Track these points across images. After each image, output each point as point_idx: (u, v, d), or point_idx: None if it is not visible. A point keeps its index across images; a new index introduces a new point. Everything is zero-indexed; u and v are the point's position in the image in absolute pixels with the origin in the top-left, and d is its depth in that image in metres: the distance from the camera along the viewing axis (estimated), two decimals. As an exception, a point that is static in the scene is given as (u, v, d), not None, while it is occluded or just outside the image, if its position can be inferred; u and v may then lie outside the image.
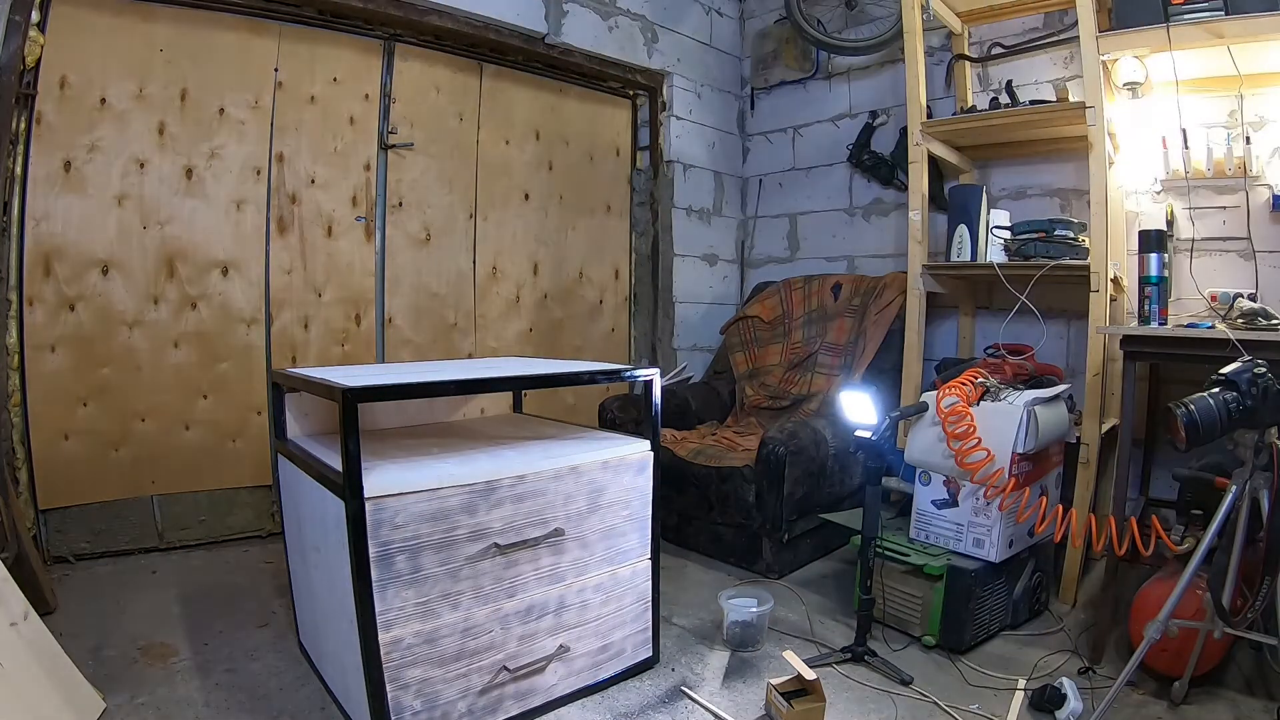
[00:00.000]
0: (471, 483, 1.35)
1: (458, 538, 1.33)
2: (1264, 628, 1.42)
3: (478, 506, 1.35)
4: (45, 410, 2.14)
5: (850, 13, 3.23)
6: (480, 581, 1.37)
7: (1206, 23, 1.95)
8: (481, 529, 1.36)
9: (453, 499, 1.32)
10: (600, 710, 1.53)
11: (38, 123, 2.09)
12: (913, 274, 2.55)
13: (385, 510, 1.24)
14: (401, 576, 1.26)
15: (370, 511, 1.22)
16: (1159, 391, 2.44)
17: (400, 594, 1.26)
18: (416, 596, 1.28)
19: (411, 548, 1.27)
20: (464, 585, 1.34)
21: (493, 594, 1.39)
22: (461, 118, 2.92)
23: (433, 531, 1.30)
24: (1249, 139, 2.24)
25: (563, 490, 1.48)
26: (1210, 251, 2.37)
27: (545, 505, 1.46)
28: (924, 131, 2.51)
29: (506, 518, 1.39)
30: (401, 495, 1.26)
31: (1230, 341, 1.67)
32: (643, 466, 1.63)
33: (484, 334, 3.04)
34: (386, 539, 1.24)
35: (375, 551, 1.23)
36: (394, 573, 1.25)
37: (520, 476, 1.41)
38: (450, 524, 1.32)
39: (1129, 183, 2.51)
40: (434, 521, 1.30)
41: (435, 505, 1.30)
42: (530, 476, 1.43)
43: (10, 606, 1.35)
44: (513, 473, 1.41)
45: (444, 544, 1.31)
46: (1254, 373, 1.36)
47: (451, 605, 1.33)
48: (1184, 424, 1.35)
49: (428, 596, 1.30)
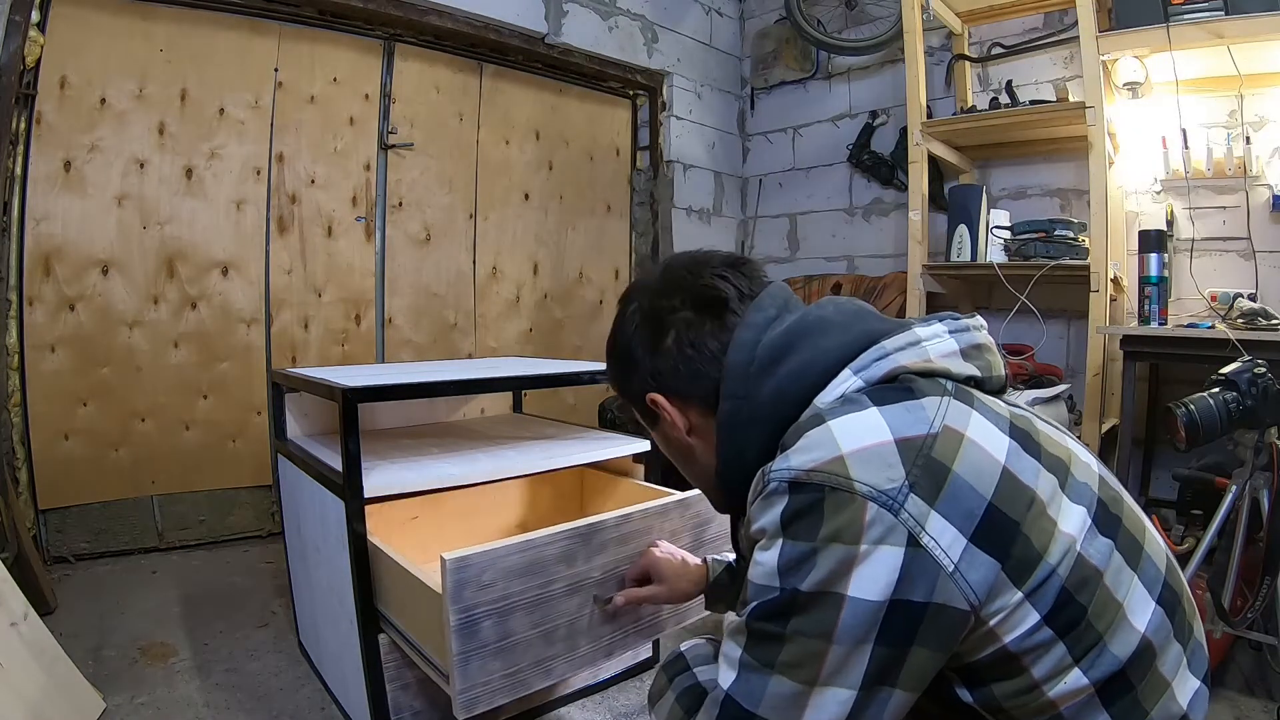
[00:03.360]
0: (474, 483, 1.34)
1: (555, 592, 1.26)
2: (1264, 628, 1.42)
3: (576, 555, 1.30)
4: (45, 410, 2.14)
5: (850, 13, 3.23)
6: (575, 642, 1.32)
7: (1206, 23, 1.95)
8: (581, 579, 1.31)
9: (548, 549, 1.17)
10: (600, 710, 1.53)
11: (38, 123, 2.08)
12: (913, 274, 2.55)
13: (470, 569, 1.03)
14: (487, 646, 1.12)
15: (451, 571, 1.01)
16: (1159, 391, 2.44)
17: (485, 666, 1.18)
18: (503, 667, 1.19)
19: (501, 609, 1.08)
20: (558, 648, 1.30)
21: (591, 655, 1.35)
22: (461, 118, 2.92)
23: (525, 589, 1.11)
24: (1249, 139, 2.24)
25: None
26: (1210, 251, 2.37)
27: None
28: (924, 131, 2.51)
29: (606, 565, 1.35)
30: (487, 550, 1.04)
31: (1230, 341, 1.68)
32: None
33: (484, 334, 3.04)
34: (471, 602, 1.05)
35: (456, 620, 1.04)
36: (479, 641, 1.08)
37: (626, 516, 1.38)
38: (546, 577, 1.22)
39: (1129, 183, 2.51)
40: (527, 577, 1.10)
41: (528, 558, 1.09)
42: (635, 516, 1.39)
43: (10, 606, 1.35)
44: (515, 473, 1.40)
45: (538, 602, 1.15)
46: (1254, 373, 1.37)
47: (544, 674, 1.27)
48: (1184, 424, 1.35)
49: (517, 665, 1.19)
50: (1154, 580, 0.65)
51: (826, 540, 0.56)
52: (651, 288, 0.79)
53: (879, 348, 0.67)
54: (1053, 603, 0.59)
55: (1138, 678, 0.61)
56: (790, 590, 0.58)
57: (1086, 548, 0.61)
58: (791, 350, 0.69)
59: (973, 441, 0.60)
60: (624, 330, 0.79)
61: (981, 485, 0.58)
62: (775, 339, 0.70)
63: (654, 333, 0.76)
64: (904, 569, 0.55)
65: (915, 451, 0.58)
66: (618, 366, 0.81)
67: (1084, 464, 0.67)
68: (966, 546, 0.56)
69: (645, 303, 0.78)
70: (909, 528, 0.56)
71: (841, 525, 0.56)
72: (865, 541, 0.56)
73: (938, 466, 0.58)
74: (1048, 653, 0.59)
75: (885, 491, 0.56)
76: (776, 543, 0.59)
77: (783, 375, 0.68)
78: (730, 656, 0.62)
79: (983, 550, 0.57)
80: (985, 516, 0.57)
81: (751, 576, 0.61)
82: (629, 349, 0.78)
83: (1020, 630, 0.58)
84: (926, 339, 0.68)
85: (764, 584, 0.59)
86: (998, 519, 0.58)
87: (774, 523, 0.60)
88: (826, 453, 0.59)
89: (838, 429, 0.60)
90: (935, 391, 0.64)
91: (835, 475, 0.58)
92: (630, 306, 0.80)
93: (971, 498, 0.58)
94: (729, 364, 0.71)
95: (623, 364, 0.80)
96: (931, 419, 0.61)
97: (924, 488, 0.57)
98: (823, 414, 0.63)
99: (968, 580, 0.56)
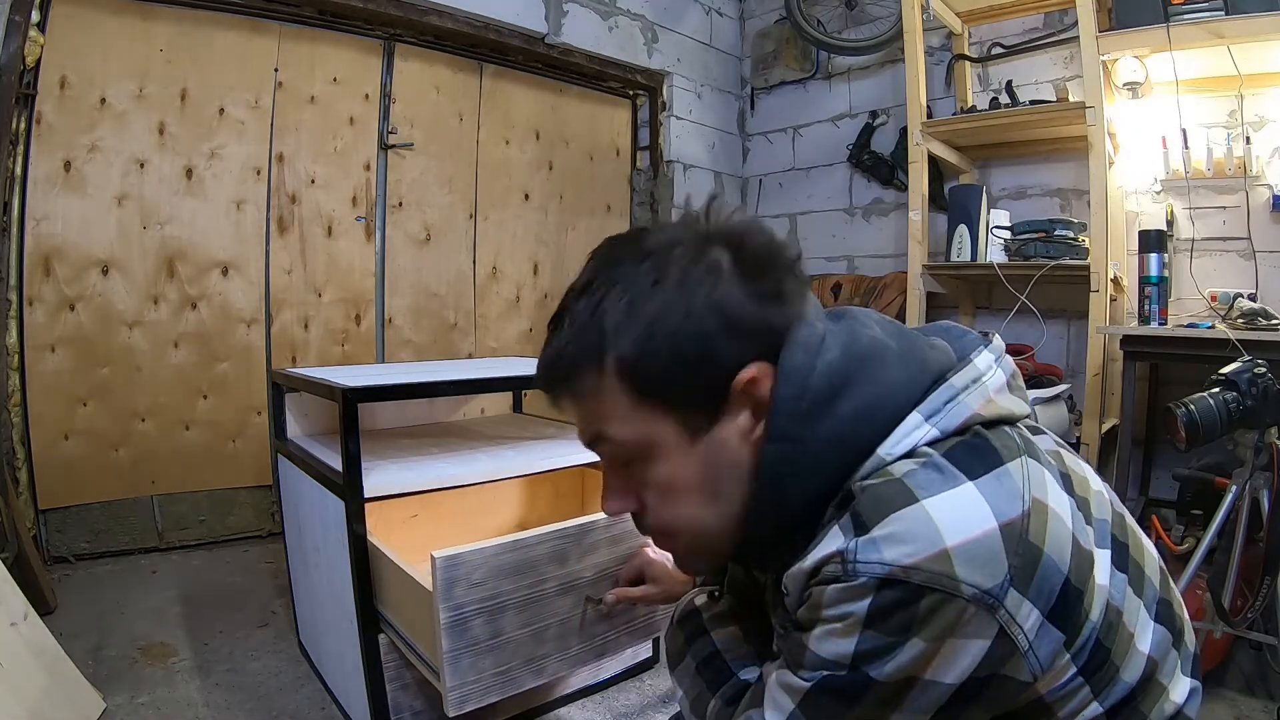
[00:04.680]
0: (474, 483, 1.34)
1: (547, 591, 1.27)
2: (1264, 628, 1.42)
3: (569, 554, 1.31)
4: (45, 410, 2.14)
5: (850, 13, 3.23)
6: (567, 641, 1.33)
7: (1206, 23, 1.95)
8: (572, 578, 1.31)
9: (539, 549, 1.20)
10: (600, 710, 1.53)
11: (38, 123, 2.08)
12: (913, 274, 2.55)
13: (460, 567, 1.05)
14: (479, 643, 1.15)
15: (441, 569, 1.04)
16: (1159, 391, 2.44)
17: (476, 664, 1.19)
18: (494, 666, 1.20)
19: (491, 608, 1.12)
20: (548, 648, 1.30)
21: (583, 654, 1.35)
22: (461, 118, 2.92)
23: (515, 588, 1.13)
24: (1249, 139, 2.24)
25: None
26: (1210, 251, 2.37)
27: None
28: (924, 131, 2.51)
29: (600, 566, 1.36)
30: (477, 549, 1.07)
31: (1230, 341, 1.68)
32: (643, 467, 1.62)
33: (484, 334, 3.04)
34: (461, 600, 1.07)
35: (447, 617, 1.06)
36: (470, 639, 1.12)
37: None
38: (537, 576, 1.24)
39: (1129, 183, 2.51)
40: (517, 576, 1.13)
41: (517, 557, 1.12)
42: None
43: (10, 606, 1.35)
44: (515, 473, 1.40)
45: (529, 601, 1.18)
46: (1254, 373, 1.37)
47: (535, 672, 1.28)
48: (1184, 424, 1.35)
49: (508, 664, 1.21)
50: (1152, 599, 0.64)
51: (914, 635, 0.52)
52: (724, 228, 0.61)
53: (948, 387, 0.59)
54: (1088, 655, 0.58)
55: (1141, 693, 0.62)
56: (864, 676, 0.53)
57: (1112, 592, 0.60)
58: (851, 383, 0.58)
59: (1054, 513, 0.55)
60: (695, 275, 0.58)
61: (1062, 562, 0.54)
62: (832, 366, 0.58)
63: (766, 281, 0.59)
64: (986, 656, 0.53)
65: (1016, 539, 0.52)
66: (688, 331, 0.57)
67: (1097, 493, 0.65)
68: (1042, 624, 0.54)
69: (729, 244, 0.59)
70: (1002, 622, 0.52)
71: (934, 624, 0.51)
72: (956, 636, 0.52)
73: (1033, 551, 0.53)
74: (1075, 696, 0.59)
75: (989, 591, 0.51)
76: (855, 633, 0.53)
77: (845, 416, 0.57)
78: (780, 705, 0.57)
79: (1055, 626, 0.55)
80: (1061, 593, 0.54)
81: (816, 649, 0.55)
82: (718, 303, 0.57)
83: (1058, 683, 0.58)
84: (984, 373, 0.61)
85: (832, 660, 0.54)
86: (1070, 593, 0.55)
87: (856, 617, 0.53)
88: (928, 546, 0.51)
89: (936, 513, 0.52)
90: (1012, 449, 0.57)
91: (940, 576, 0.50)
92: (690, 249, 0.59)
93: (1055, 577, 0.54)
94: (778, 395, 0.58)
95: (700, 326, 0.57)
96: (1021, 491, 0.54)
97: (1021, 579, 0.52)
98: (906, 483, 0.54)
99: (1038, 656, 0.54)
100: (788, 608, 0.60)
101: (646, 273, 0.58)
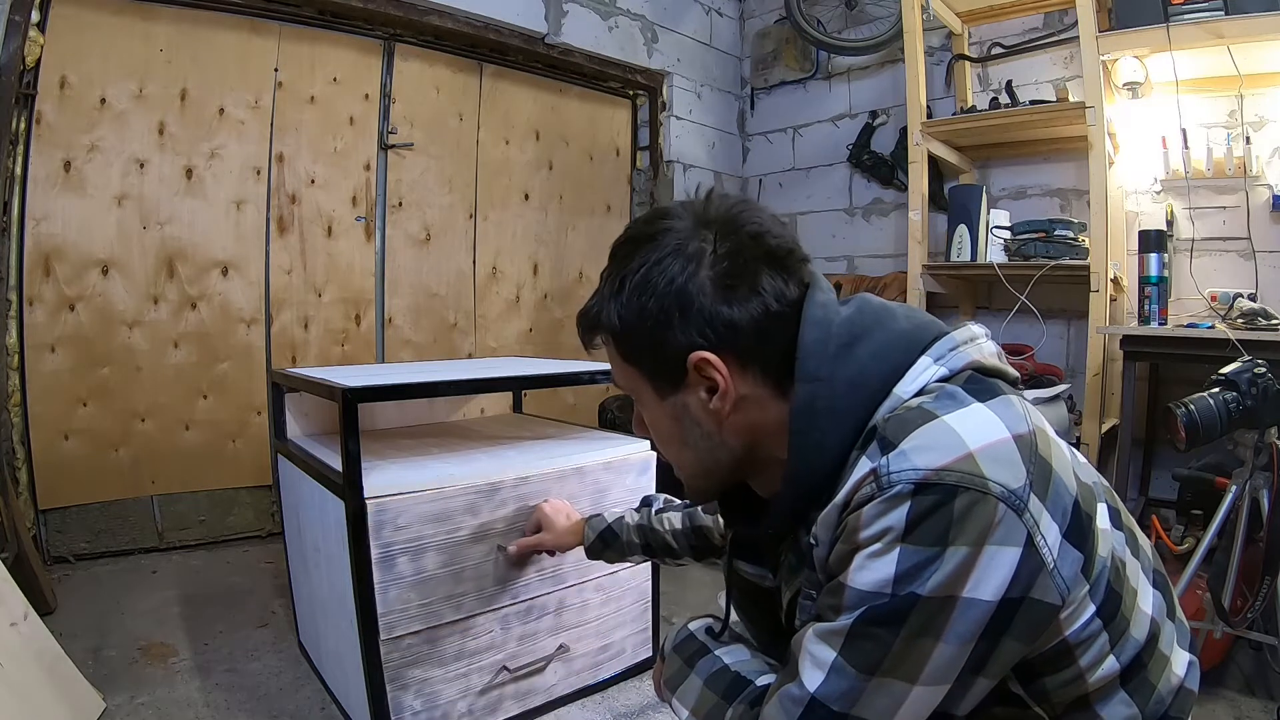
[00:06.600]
0: (475, 483, 1.34)
1: (460, 538, 1.32)
2: (1264, 628, 1.43)
3: (480, 507, 1.35)
4: (45, 410, 2.14)
5: (850, 13, 3.23)
6: (483, 582, 1.36)
7: (1206, 23, 1.95)
8: (485, 529, 1.35)
9: (456, 500, 1.31)
10: (600, 710, 1.53)
11: (38, 123, 2.08)
12: (913, 274, 2.55)
13: (387, 511, 1.24)
14: (404, 578, 1.26)
15: (373, 512, 1.22)
16: (1159, 391, 2.44)
17: (402, 595, 1.26)
18: (419, 598, 1.28)
19: (414, 549, 1.27)
20: (467, 586, 1.34)
21: (495, 595, 1.38)
22: (461, 118, 2.92)
23: (435, 532, 1.29)
24: (1249, 139, 2.24)
25: (566, 491, 1.47)
26: (1210, 251, 2.37)
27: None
28: (924, 131, 2.51)
29: (510, 518, 1.39)
30: (403, 495, 1.25)
31: (1230, 341, 1.68)
32: (645, 467, 1.63)
33: (484, 334, 3.04)
34: (389, 540, 1.24)
35: (378, 554, 1.22)
36: (396, 574, 1.25)
37: (524, 478, 1.41)
38: (453, 525, 1.31)
39: (1129, 183, 2.51)
40: (437, 522, 1.29)
41: (438, 506, 1.29)
42: (534, 477, 1.42)
43: (10, 606, 1.35)
44: (516, 474, 1.40)
45: (446, 545, 1.31)
46: (1254, 373, 1.37)
47: (454, 607, 1.32)
48: (1184, 424, 1.35)
49: (430, 598, 1.29)
50: (1148, 566, 0.69)
51: (952, 543, 0.54)
52: (719, 218, 0.66)
53: (949, 339, 0.65)
54: (1103, 594, 0.61)
55: (1148, 656, 0.65)
56: (908, 596, 0.55)
57: (1114, 542, 0.64)
58: (867, 331, 0.65)
59: (1055, 441, 0.61)
60: (673, 265, 0.64)
61: (1069, 482, 0.59)
62: (850, 318, 0.65)
63: (734, 274, 0.64)
64: (1018, 569, 0.55)
65: (1029, 450, 0.57)
66: (653, 312, 0.64)
67: (1084, 466, 0.68)
68: (1061, 542, 0.57)
69: (717, 235, 0.64)
70: (1028, 527, 0.55)
71: (969, 527, 0.54)
72: (989, 543, 0.54)
73: (1044, 466, 0.58)
74: (1094, 642, 0.61)
75: (1014, 491, 0.55)
76: (894, 549, 0.55)
77: (864, 356, 0.63)
78: (819, 658, 0.58)
79: (1072, 546, 0.58)
80: (1074, 513, 0.59)
81: (855, 583, 0.57)
82: (684, 290, 0.63)
83: (1080, 622, 0.60)
84: (979, 335, 0.68)
85: (873, 590, 0.56)
86: (1080, 515, 0.59)
87: (896, 527, 0.55)
88: (954, 450, 0.55)
89: (958, 424, 0.57)
90: (1008, 390, 0.63)
91: (970, 475, 0.54)
92: (683, 237, 0.65)
93: (1066, 495, 0.59)
94: (804, 342, 0.63)
95: (664, 309, 0.64)
96: (1025, 416, 0.60)
97: (1039, 487, 0.57)
98: (925, 407, 0.59)
99: (1062, 575, 0.57)
100: (817, 564, 0.64)
101: (642, 255, 0.65)
